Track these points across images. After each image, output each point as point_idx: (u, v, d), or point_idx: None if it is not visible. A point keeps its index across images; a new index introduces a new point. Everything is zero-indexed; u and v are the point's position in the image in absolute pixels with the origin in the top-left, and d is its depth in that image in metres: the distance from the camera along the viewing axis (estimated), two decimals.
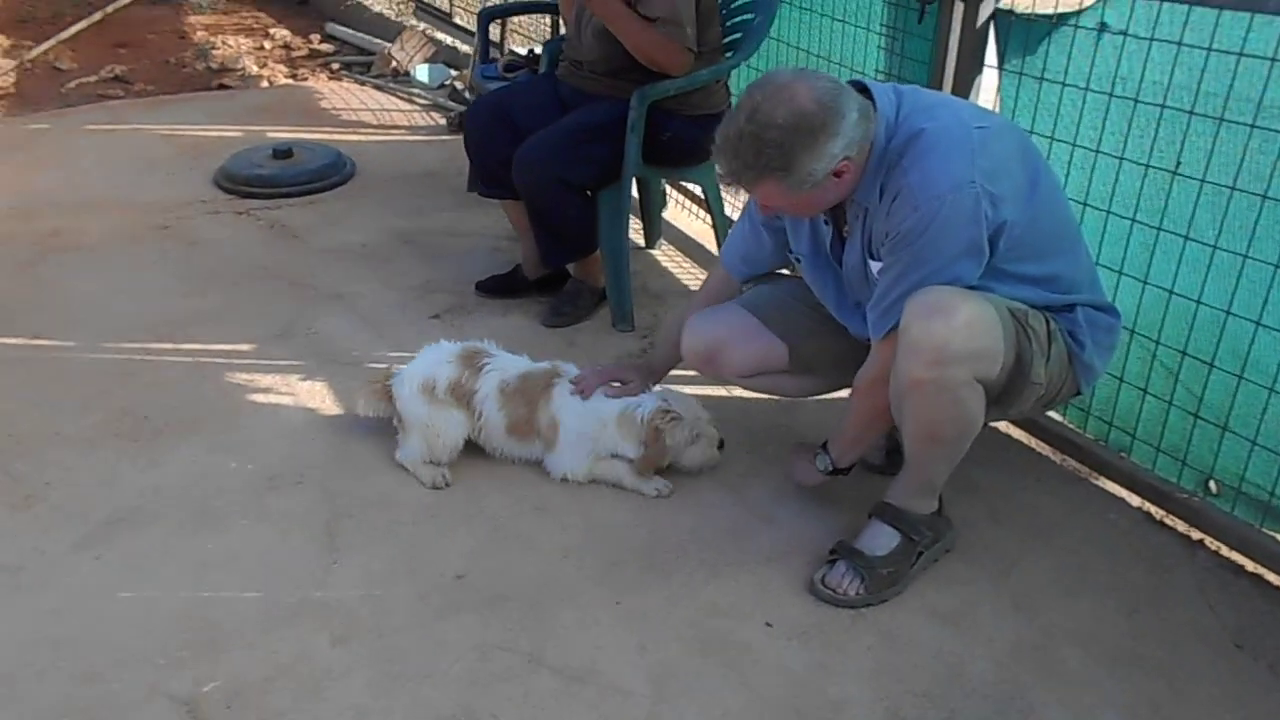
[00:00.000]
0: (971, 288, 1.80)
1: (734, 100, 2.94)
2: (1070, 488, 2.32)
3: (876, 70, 2.75)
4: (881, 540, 2.02)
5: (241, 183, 3.93)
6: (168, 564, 2.05)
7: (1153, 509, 2.22)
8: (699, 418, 2.24)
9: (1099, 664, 1.85)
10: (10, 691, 1.75)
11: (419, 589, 2.01)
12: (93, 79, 5.60)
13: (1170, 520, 2.19)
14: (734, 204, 3.17)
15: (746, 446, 2.42)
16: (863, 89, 1.81)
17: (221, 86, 5.50)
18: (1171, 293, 2.10)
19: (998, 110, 2.38)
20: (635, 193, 3.52)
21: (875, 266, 1.89)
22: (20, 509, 2.20)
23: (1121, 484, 2.28)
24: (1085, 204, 2.21)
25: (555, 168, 2.71)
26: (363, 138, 4.54)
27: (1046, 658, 1.86)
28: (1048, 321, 1.87)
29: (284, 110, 4.90)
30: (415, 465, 2.30)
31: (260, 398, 2.62)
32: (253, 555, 2.08)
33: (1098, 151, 2.17)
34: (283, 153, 4.03)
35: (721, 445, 2.28)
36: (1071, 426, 2.40)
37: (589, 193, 2.84)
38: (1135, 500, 2.25)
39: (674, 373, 2.38)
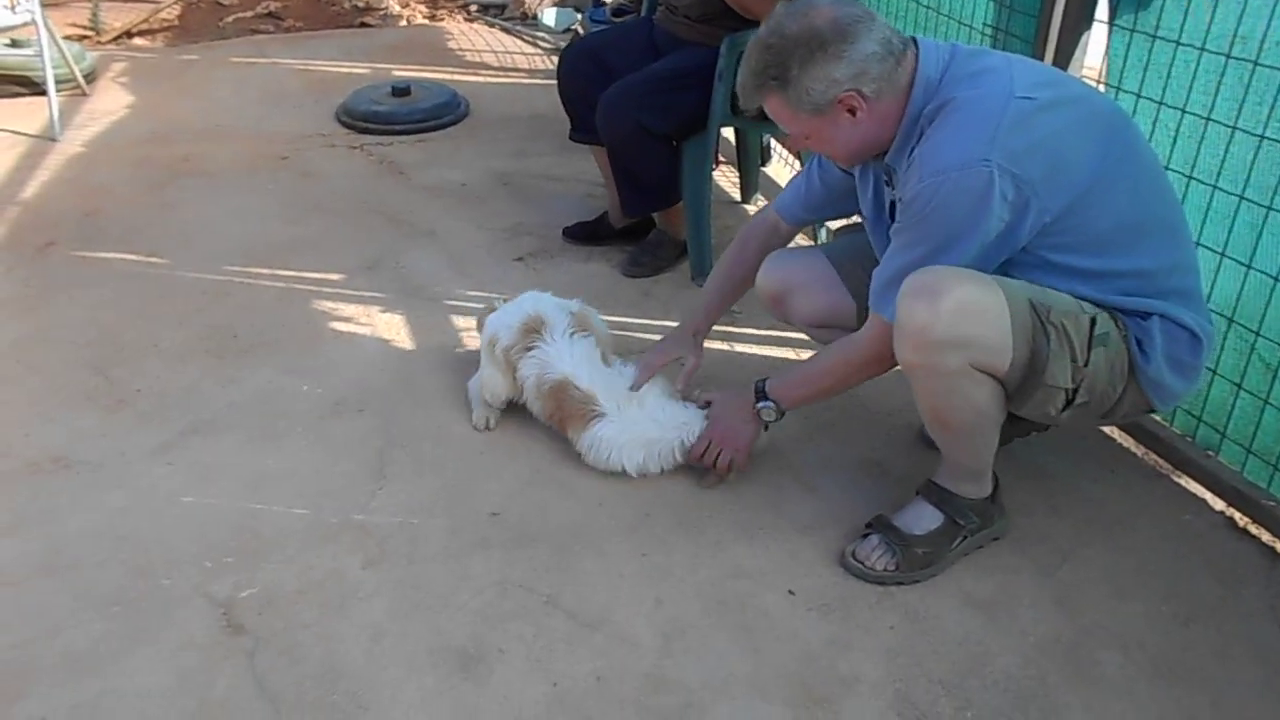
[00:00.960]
0: (1003, 274, 1.68)
1: None
2: (1146, 483, 2.15)
3: (985, 24, 2.57)
4: (923, 520, 1.93)
5: (359, 118, 4.06)
6: (229, 475, 2.18)
7: (1236, 514, 2.04)
8: None
9: (1138, 671, 1.73)
10: (74, 576, 1.90)
11: (453, 522, 2.06)
12: (249, 14, 5.85)
13: (1254, 529, 2.01)
14: None
15: (803, 411, 2.35)
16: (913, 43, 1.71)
17: (363, 24, 5.67)
18: (1277, 280, 1.90)
19: (1104, 72, 2.19)
20: (733, 144, 3.46)
21: None
22: (112, 411, 2.37)
23: (1204, 484, 2.10)
24: (1190, 177, 2.02)
25: (638, 114, 2.67)
26: (481, 79, 4.60)
27: (1081, 658, 1.75)
28: (1093, 323, 1.69)
29: (413, 49, 5.02)
30: (474, 397, 2.35)
31: (340, 325, 2.73)
32: (307, 474, 2.18)
33: (1208, 119, 1.97)
34: (401, 91, 4.13)
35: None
36: (1155, 417, 2.22)
37: (674, 142, 2.79)
38: (1218, 504, 2.07)
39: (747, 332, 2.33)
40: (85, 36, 5.26)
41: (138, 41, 5.41)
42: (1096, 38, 2.21)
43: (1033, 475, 2.14)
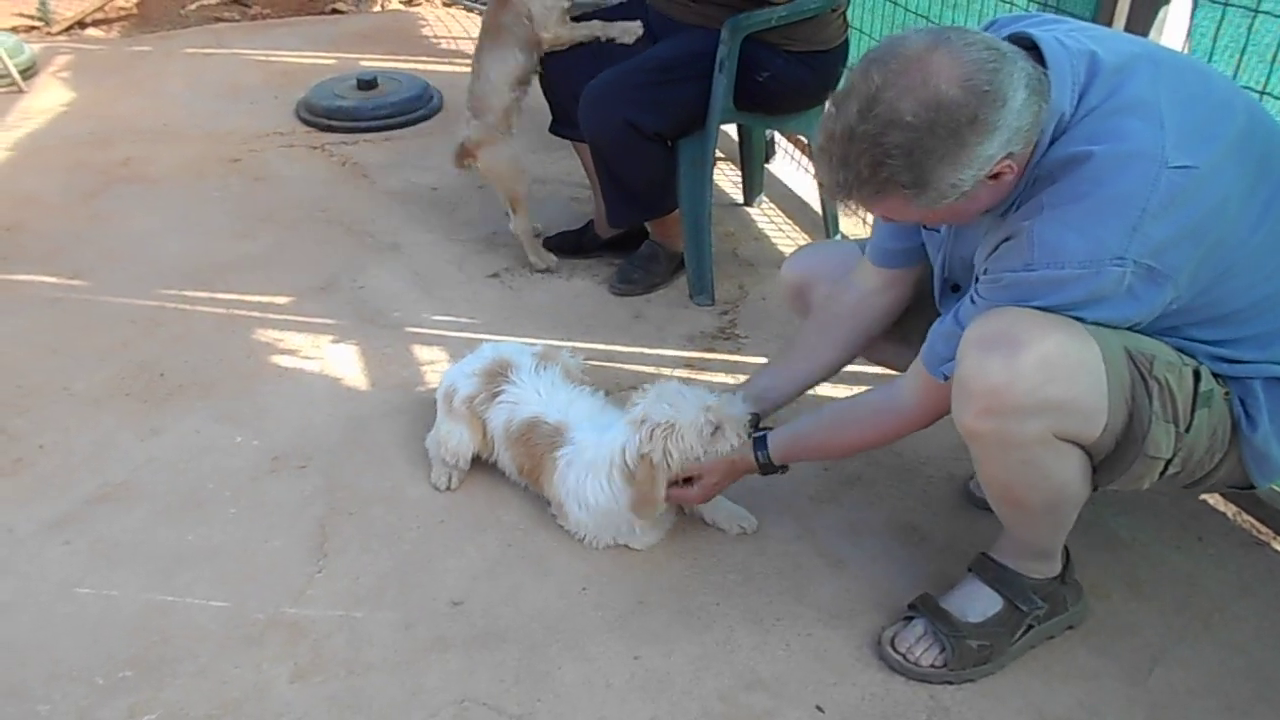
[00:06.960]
0: None
1: (851, 51, 2.44)
2: (1243, 553, 1.79)
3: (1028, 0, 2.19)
4: (978, 604, 1.58)
5: (321, 114, 3.67)
6: (139, 555, 1.81)
7: None
8: (706, 407, 1.69)
9: None
10: None
11: (406, 615, 1.69)
12: (213, 1, 5.47)
13: None
14: None
15: (823, 462, 1.99)
16: (1032, 47, 1.25)
17: (334, 11, 5.27)
18: None
19: (1186, 52, 1.81)
20: (736, 140, 3.08)
21: (978, 258, 1.42)
22: (6, 473, 2.01)
23: None
24: None
25: (626, 110, 2.29)
26: (458, 69, 4.20)
27: None
28: (1197, 377, 1.34)
29: (384, 37, 4.62)
30: (434, 455, 1.99)
31: (285, 360, 2.36)
32: (232, 553, 1.82)
33: None
34: (367, 83, 3.75)
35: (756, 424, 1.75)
36: None
37: (668, 142, 2.41)
38: None
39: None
40: (34, 27, 4.86)
41: (91, 32, 5.01)
42: (1177, 13, 1.83)
43: (1104, 544, 1.78)
